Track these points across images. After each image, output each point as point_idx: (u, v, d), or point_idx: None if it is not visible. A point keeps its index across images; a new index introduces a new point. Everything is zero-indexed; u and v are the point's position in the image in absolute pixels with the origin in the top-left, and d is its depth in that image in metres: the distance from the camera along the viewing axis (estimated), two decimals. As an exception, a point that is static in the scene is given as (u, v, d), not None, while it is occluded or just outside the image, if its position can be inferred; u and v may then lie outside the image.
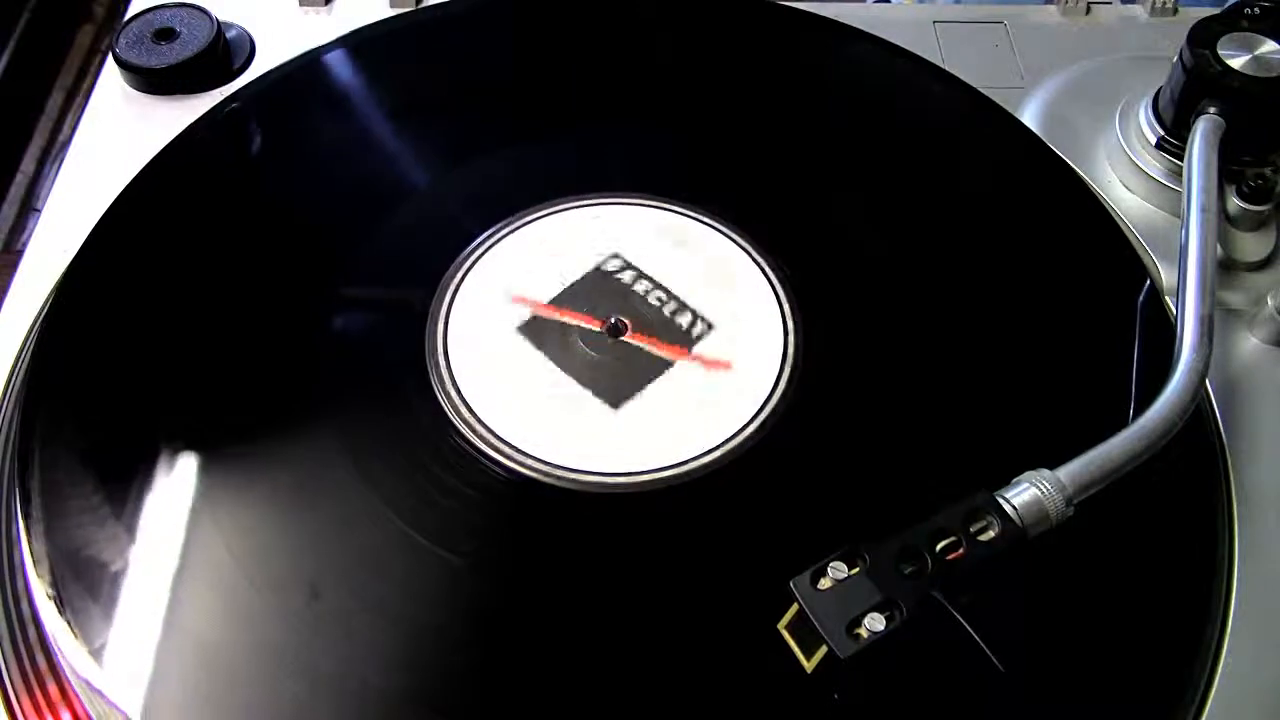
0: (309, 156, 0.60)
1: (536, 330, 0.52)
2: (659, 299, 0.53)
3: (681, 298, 0.53)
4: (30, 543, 0.45)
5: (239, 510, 0.46)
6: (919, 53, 0.66)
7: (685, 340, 0.51)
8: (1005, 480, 0.42)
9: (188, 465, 0.47)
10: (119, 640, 0.42)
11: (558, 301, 0.52)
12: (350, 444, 0.48)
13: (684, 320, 0.52)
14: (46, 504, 0.46)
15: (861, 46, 0.66)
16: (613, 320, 0.52)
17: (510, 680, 0.42)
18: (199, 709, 0.41)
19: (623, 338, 0.51)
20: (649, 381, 0.50)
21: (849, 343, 0.52)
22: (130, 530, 0.45)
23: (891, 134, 0.62)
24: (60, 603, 0.43)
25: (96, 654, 0.42)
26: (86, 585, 0.43)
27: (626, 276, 0.54)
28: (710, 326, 0.52)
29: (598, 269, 0.54)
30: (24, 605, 0.45)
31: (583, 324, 0.52)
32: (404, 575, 0.44)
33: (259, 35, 0.67)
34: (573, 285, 0.53)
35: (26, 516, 0.45)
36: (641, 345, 0.51)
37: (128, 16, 0.66)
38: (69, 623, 0.43)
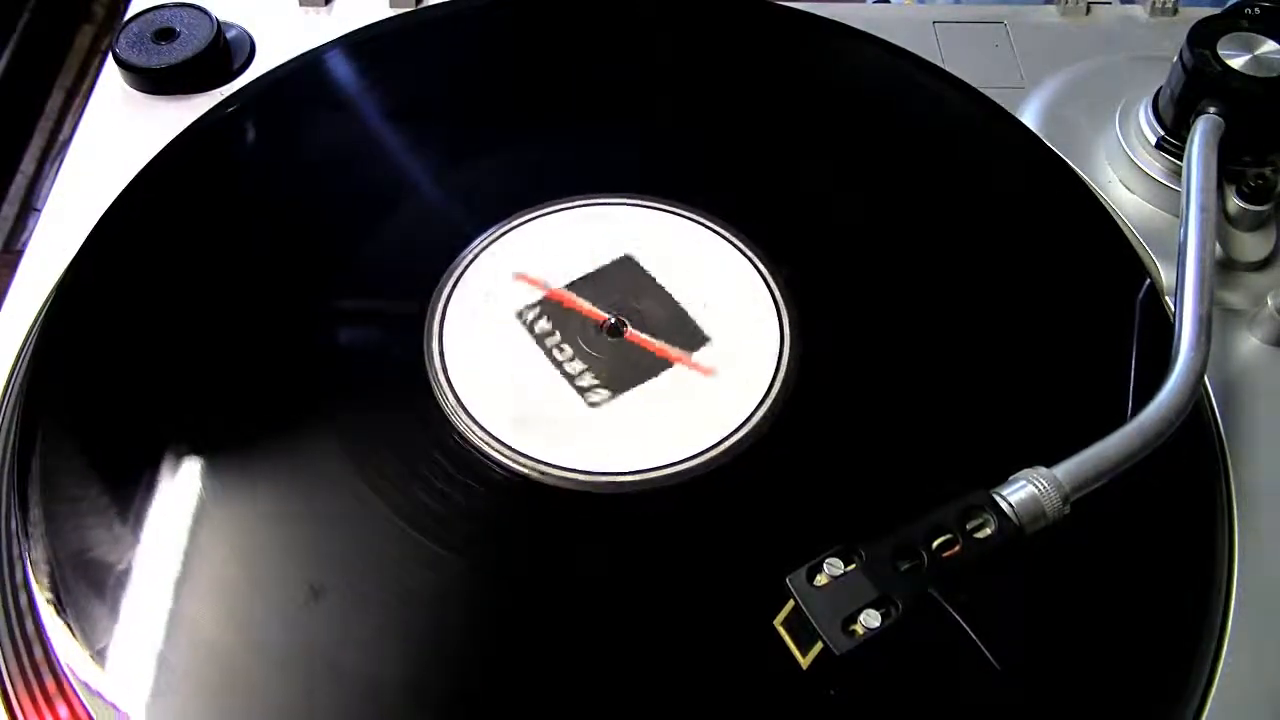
0: (309, 157, 0.60)
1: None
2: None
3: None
4: (30, 544, 0.45)
5: (239, 511, 0.46)
6: (919, 53, 0.66)
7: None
8: (1003, 478, 0.42)
9: (188, 466, 0.47)
10: (120, 642, 0.42)
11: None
12: (349, 443, 0.48)
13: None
14: (46, 505, 0.46)
15: (861, 46, 0.66)
16: (612, 319, 0.52)
17: (510, 679, 0.42)
18: (200, 710, 0.41)
19: (622, 336, 0.51)
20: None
21: (847, 341, 0.52)
22: (130, 532, 0.45)
23: (891, 134, 0.62)
24: (60, 604, 0.43)
25: (97, 656, 0.42)
26: (86, 587, 0.44)
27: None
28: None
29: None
30: (24, 606, 0.45)
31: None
32: (404, 575, 0.44)
33: (259, 35, 0.67)
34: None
35: (26, 518, 0.45)
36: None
37: (128, 16, 0.66)
38: (69, 624, 0.43)
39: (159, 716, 0.41)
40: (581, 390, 0.50)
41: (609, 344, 0.51)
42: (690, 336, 0.52)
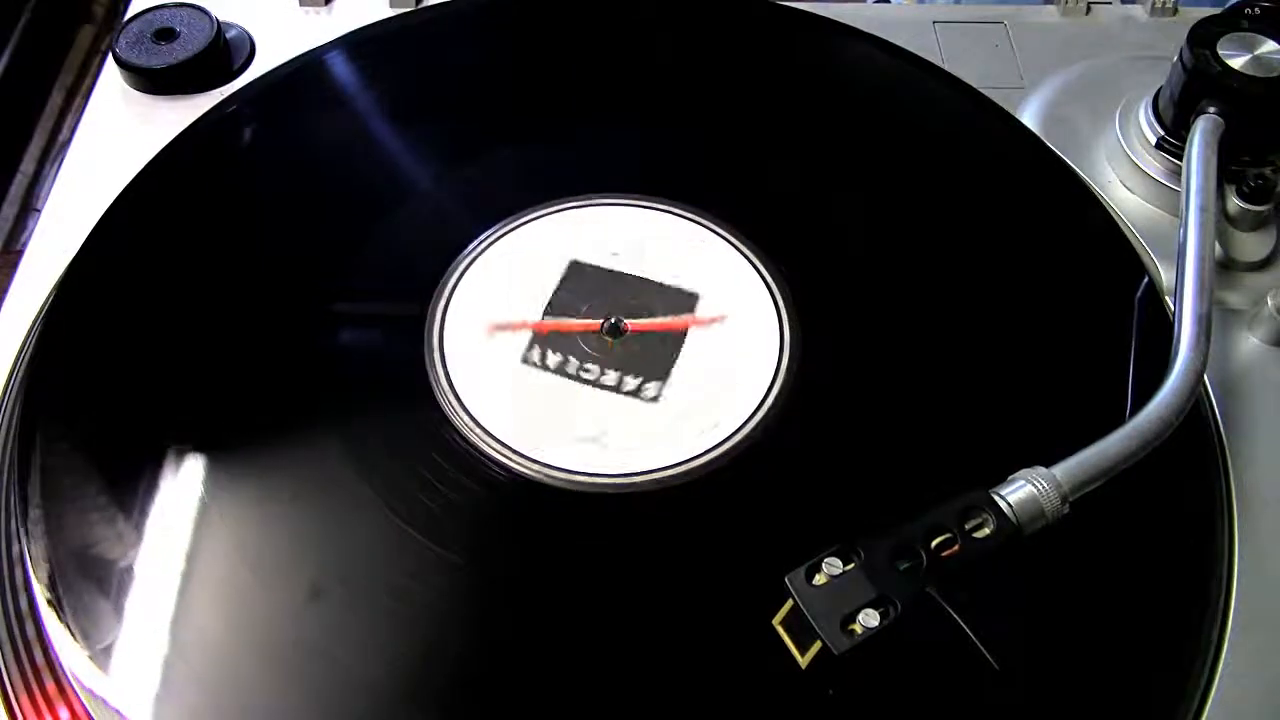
0: (309, 157, 0.60)
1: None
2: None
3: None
4: (30, 543, 0.45)
5: (239, 510, 0.46)
6: (919, 53, 0.66)
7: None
8: (1002, 478, 0.42)
9: (187, 465, 0.47)
10: (120, 641, 0.42)
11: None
12: (350, 443, 0.48)
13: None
14: (46, 504, 0.46)
15: (861, 46, 0.66)
16: (611, 320, 0.52)
17: (510, 679, 0.42)
18: (200, 710, 0.41)
19: (623, 334, 0.52)
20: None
21: (847, 341, 0.52)
22: (130, 531, 0.45)
23: (891, 134, 0.62)
24: (60, 604, 0.43)
25: (97, 655, 0.42)
26: (87, 586, 0.44)
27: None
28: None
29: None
30: (24, 606, 0.45)
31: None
32: (405, 576, 0.44)
33: (259, 35, 0.67)
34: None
35: (26, 517, 0.45)
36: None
37: (128, 16, 0.66)
38: (69, 624, 0.43)
39: (158, 716, 0.41)
40: (632, 393, 0.50)
41: (610, 345, 0.51)
42: (685, 301, 0.52)
